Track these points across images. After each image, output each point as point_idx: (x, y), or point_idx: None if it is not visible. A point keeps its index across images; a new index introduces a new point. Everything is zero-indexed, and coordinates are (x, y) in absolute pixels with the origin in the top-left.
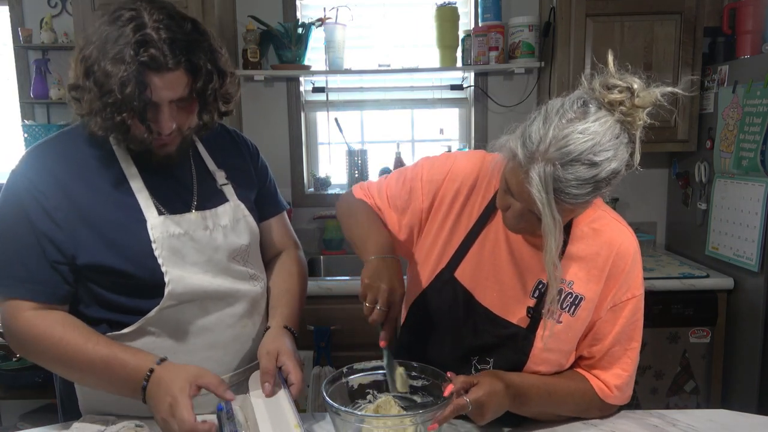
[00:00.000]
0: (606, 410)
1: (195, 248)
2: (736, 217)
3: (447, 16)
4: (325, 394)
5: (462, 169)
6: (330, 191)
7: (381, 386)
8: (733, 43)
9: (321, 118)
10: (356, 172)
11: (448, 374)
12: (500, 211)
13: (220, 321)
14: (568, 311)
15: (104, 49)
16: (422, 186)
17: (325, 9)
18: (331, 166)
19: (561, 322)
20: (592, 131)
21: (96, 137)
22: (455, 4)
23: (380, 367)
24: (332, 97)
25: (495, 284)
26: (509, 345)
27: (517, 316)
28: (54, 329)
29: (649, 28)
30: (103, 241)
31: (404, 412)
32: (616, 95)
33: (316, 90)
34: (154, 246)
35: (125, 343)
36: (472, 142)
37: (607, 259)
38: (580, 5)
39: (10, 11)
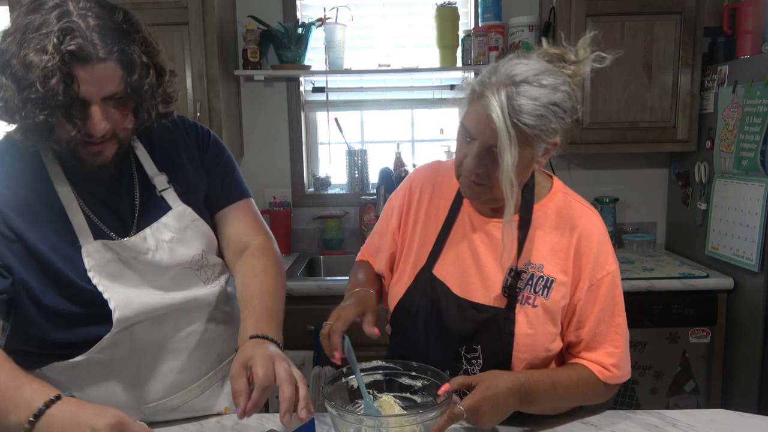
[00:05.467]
0: (610, 391)
1: (137, 271)
2: (736, 217)
3: (447, 16)
4: (324, 394)
5: (419, 180)
6: (330, 191)
7: (381, 386)
8: (733, 43)
9: (321, 118)
10: (356, 172)
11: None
12: (457, 170)
13: (178, 331)
14: (542, 294)
15: (24, 39)
16: (392, 212)
17: (325, 9)
18: (331, 166)
19: (536, 306)
20: (534, 64)
21: (26, 149)
22: (455, 4)
23: (381, 368)
24: (332, 97)
25: (472, 275)
26: (492, 328)
27: (495, 298)
28: None
29: (649, 28)
30: (38, 267)
31: (404, 412)
32: (553, 50)
33: (316, 90)
34: (90, 275)
35: (71, 370)
36: None
37: (571, 241)
38: (580, 5)
39: (10, 11)
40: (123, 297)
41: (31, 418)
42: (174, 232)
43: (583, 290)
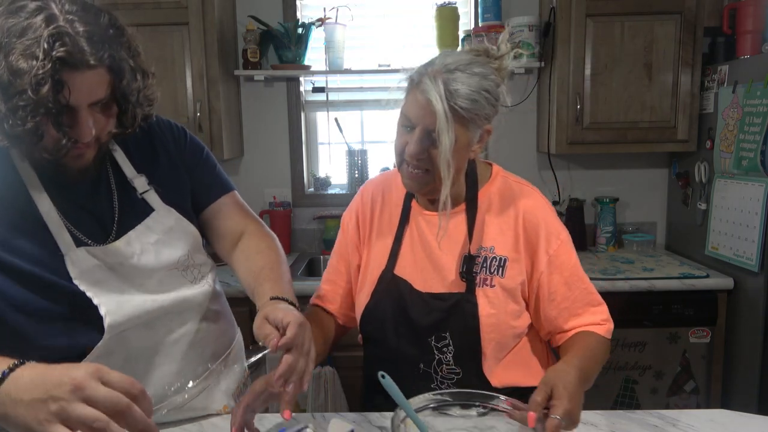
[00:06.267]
0: (609, 347)
1: (124, 275)
2: (736, 217)
3: (447, 16)
4: None
5: (369, 191)
6: (330, 191)
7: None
8: (733, 43)
9: (321, 118)
10: (356, 172)
11: (508, 403)
12: (398, 158)
13: (171, 334)
14: (498, 274)
15: (9, 44)
16: (348, 228)
17: (325, 9)
18: (331, 166)
19: (494, 286)
20: (464, 56)
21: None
22: (455, 4)
23: (430, 401)
24: (332, 97)
25: (429, 269)
26: (457, 314)
27: (453, 285)
28: None
29: (649, 28)
30: (18, 279)
31: None
32: (478, 46)
33: (316, 90)
34: (76, 283)
35: None
36: None
37: (517, 219)
38: (580, 5)
39: None
40: (113, 302)
41: None
42: (159, 234)
43: (543, 263)
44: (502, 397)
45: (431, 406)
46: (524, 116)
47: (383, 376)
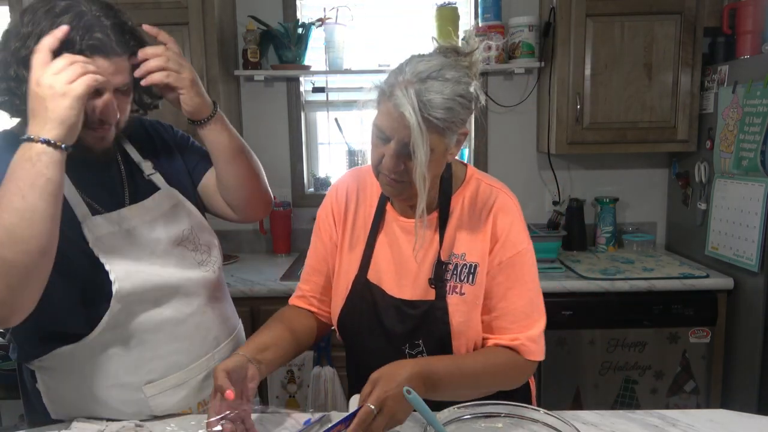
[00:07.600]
0: (528, 369)
1: (136, 243)
2: (736, 217)
3: (447, 16)
4: None
5: (344, 188)
6: None
7: None
8: (733, 43)
9: (321, 118)
10: None
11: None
12: (375, 169)
13: (178, 313)
14: (467, 281)
15: (46, 36)
16: (323, 227)
17: (325, 9)
18: (331, 166)
19: (464, 294)
20: (435, 60)
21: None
22: (455, 4)
23: (456, 415)
24: (332, 97)
25: (402, 275)
26: (429, 321)
27: (425, 292)
28: None
29: (649, 28)
30: None
31: None
32: (446, 44)
33: (316, 90)
34: (93, 249)
35: (83, 354)
36: (472, 142)
37: (488, 223)
38: (580, 5)
39: (10, 11)
40: (123, 270)
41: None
42: (165, 208)
43: (494, 267)
44: (528, 406)
45: (457, 419)
46: (524, 116)
47: (408, 392)
